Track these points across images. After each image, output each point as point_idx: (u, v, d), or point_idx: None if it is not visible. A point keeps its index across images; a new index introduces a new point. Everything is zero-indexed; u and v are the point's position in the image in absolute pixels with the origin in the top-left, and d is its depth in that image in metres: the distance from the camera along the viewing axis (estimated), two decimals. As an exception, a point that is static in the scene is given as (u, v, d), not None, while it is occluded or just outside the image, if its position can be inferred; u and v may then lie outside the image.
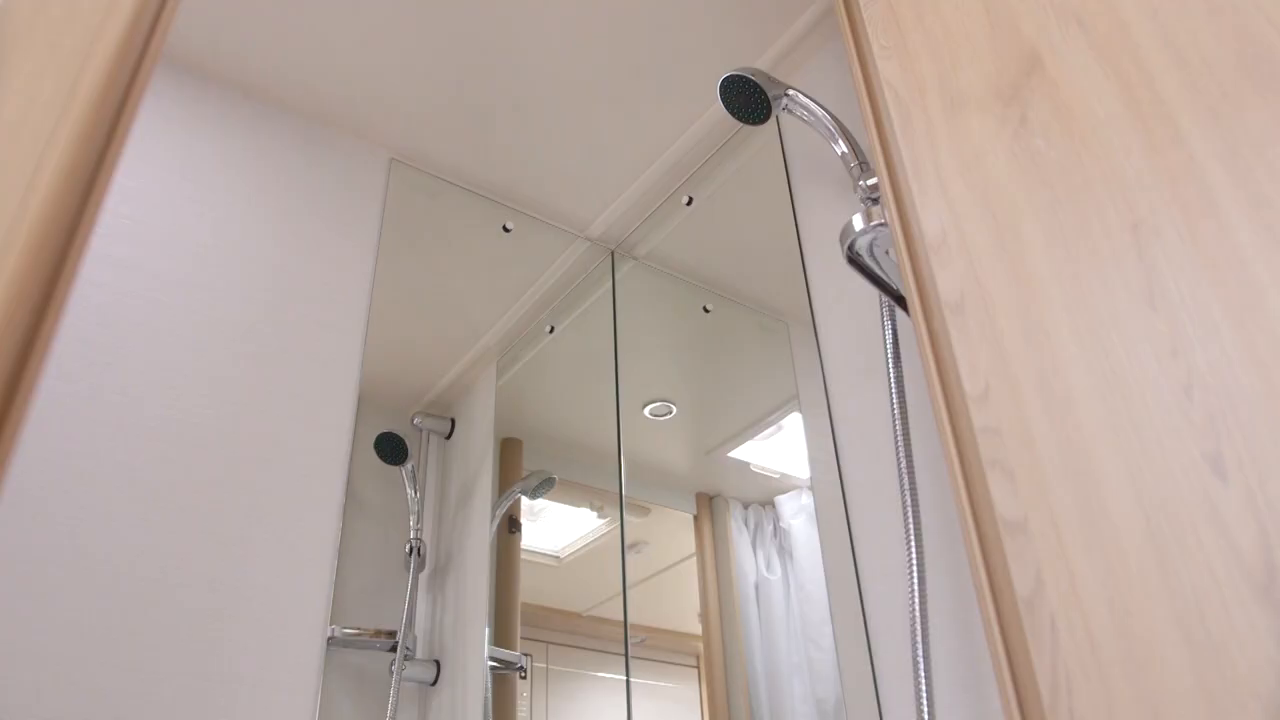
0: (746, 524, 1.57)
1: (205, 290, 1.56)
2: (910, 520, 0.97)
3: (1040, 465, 0.72)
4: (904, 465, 1.00)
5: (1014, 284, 0.79)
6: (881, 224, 0.99)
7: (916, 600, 0.93)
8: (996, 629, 0.72)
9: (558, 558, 1.75)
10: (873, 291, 1.31)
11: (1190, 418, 0.67)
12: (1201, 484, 0.65)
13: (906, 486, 1.00)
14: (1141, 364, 0.70)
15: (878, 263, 1.02)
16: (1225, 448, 0.64)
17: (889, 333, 1.07)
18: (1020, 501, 0.72)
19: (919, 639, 0.92)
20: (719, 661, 1.51)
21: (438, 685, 1.63)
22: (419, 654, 1.65)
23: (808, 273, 1.51)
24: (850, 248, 1.01)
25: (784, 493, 1.51)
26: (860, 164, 1.16)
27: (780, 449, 1.53)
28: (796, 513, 1.47)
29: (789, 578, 1.44)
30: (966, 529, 0.76)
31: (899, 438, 1.02)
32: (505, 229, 1.95)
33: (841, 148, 1.18)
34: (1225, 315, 0.66)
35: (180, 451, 1.41)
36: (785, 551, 1.47)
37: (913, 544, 0.95)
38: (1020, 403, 0.75)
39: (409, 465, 1.70)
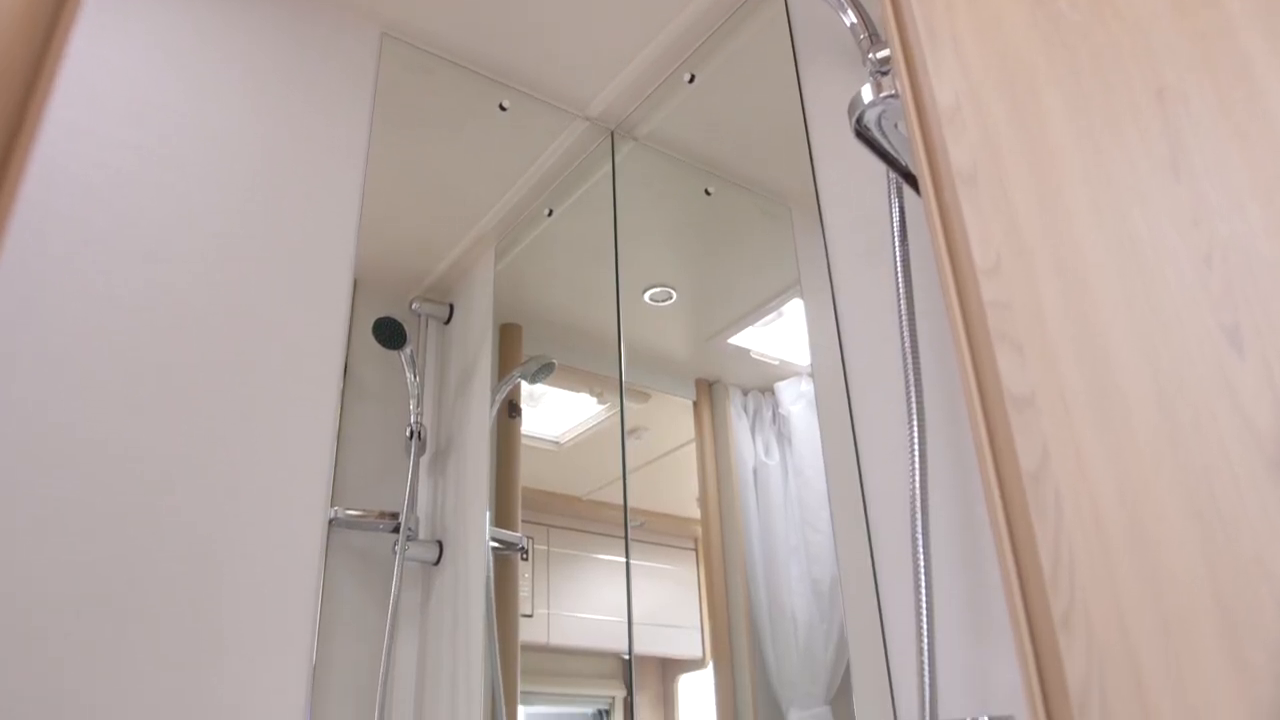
0: (746, 410, 1.55)
1: (191, 167, 1.51)
2: (913, 400, 0.95)
3: (1051, 339, 0.69)
4: (908, 345, 0.98)
5: (1031, 153, 0.76)
6: (892, 95, 0.94)
7: (917, 479, 0.92)
8: (999, 504, 0.70)
9: (558, 443, 1.75)
10: (879, 170, 1.27)
11: (1209, 288, 0.64)
12: (1217, 357, 0.62)
13: (910, 367, 0.98)
14: (1161, 235, 0.67)
15: (886, 137, 0.98)
16: (1243, 319, 0.62)
17: (895, 210, 1.04)
18: (1028, 376, 0.70)
19: (919, 517, 0.91)
20: (717, 544, 1.51)
21: (440, 565, 1.65)
22: (421, 535, 1.66)
23: (813, 151, 1.46)
24: (858, 121, 0.96)
25: (783, 379, 1.49)
26: (870, 35, 1.10)
27: (780, 335, 1.51)
28: (796, 399, 1.45)
29: (787, 463, 1.44)
30: (971, 405, 0.74)
31: (903, 317, 1.00)
32: (502, 108, 1.89)
33: (851, 18, 1.12)
34: (1252, 185, 0.63)
35: (170, 334, 1.39)
36: (784, 437, 1.46)
37: (914, 423, 0.94)
38: (1032, 275, 0.72)
39: (408, 350, 1.68)
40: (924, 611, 0.87)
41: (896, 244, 1.03)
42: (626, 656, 1.55)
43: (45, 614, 1.18)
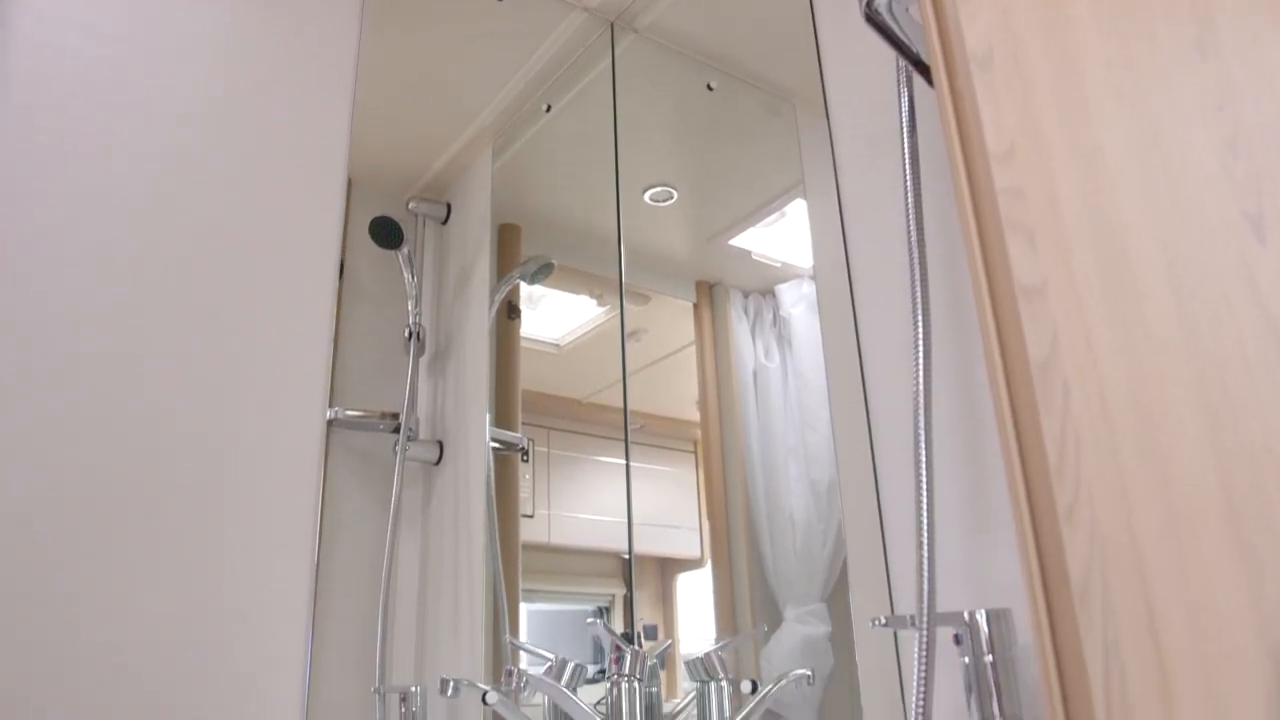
0: (746, 312, 1.53)
1: (178, 62, 1.46)
2: (918, 295, 0.93)
3: (1064, 227, 0.67)
4: (914, 240, 0.95)
5: (1048, 35, 0.72)
6: (904, -24, 0.90)
7: (920, 376, 0.91)
8: (1005, 396, 0.69)
9: (558, 345, 1.73)
10: (888, 60, 1.22)
11: (1232, 175, 0.61)
12: (1238, 245, 0.60)
13: (915, 262, 0.95)
14: (1183, 118, 0.64)
15: (897, 21, 0.93)
16: (1268, 206, 0.59)
17: (905, 101, 1.00)
18: (1040, 265, 0.68)
19: (921, 413, 0.89)
20: (716, 446, 1.51)
21: (441, 464, 1.65)
22: (422, 435, 1.66)
23: (819, 39, 1.41)
24: (869, 4, 0.92)
25: (785, 282, 1.46)
26: (882, -85, 1.05)
27: (782, 237, 1.48)
28: (797, 301, 1.43)
29: (787, 365, 1.42)
30: (980, 296, 0.72)
31: (910, 212, 0.97)
32: (498, -2, 1.82)
33: (862, -103, 1.06)
34: (1281, 63, 0.60)
35: (163, 238, 1.36)
36: (784, 340, 1.44)
37: (919, 319, 0.92)
38: (1047, 161, 0.69)
39: (405, 250, 1.65)
40: (924, 506, 0.87)
41: (905, 136, 1.00)
42: (626, 556, 1.55)
43: (46, 518, 1.18)
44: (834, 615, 1.24)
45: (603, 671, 1.36)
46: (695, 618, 1.44)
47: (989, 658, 0.85)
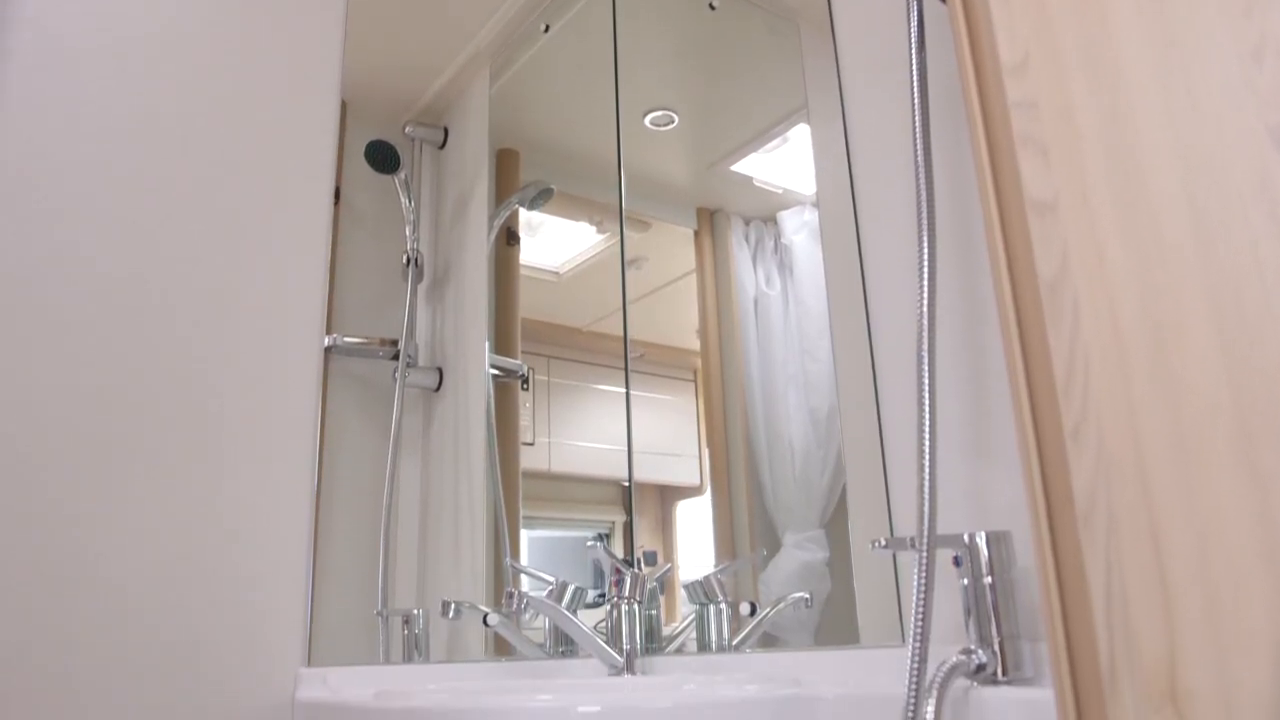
0: (747, 240, 1.51)
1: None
2: (924, 216, 0.91)
3: (1079, 140, 0.65)
4: (920, 160, 0.93)
5: (1066, -60, 0.69)
6: (916, -118, 0.86)
7: (925, 299, 0.89)
8: (1013, 315, 0.67)
9: (557, 274, 1.71)
10: (897, -24, 1.18)
11: (1256, 87, 0.59)
12: (1259, 158, 0.58)
13: (922, 182, 0.93)
14: (1207, 27, 0.61)
15: (908, -69, 0.90)
16: (1291, 116, 0.57)
17: (914, 15, 0.97)
18: (1052, 180, 0.66)
19: (925, 336, 0.88)
20: (716, 375, 1.50)
21: (441, 392, 1.64)
22: (421, 362, 1.65)
23: (825, -41, 1.36)
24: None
25: (786, 209, 1.44)
26: None
27: (784, 163, 1.45)
28: (799, 229, 1.41)
29: (788, 293, 1.40)
30: (989, 213, 0.70)
31: (917, 131, 0.94)
32: (495, -86, 1.76)
33: None
34: (1311, -34, 0.57)
35: (158, 162, 1.33)
36: (785, 267, 1.42)
37: (925, 241, 0.90)
38: (1062, 72, 0.66)
39: (402, 174, 1.62)
40: (926, 428, 0.86)
41: (913, 53, 0.96)
42: (626, 483, 1.56)
43: (47, 440, 1.17)
44: (832, 541, 1.25)
45: (603, 596, 1.37)
46: (694, 545, 1.45)
47: (988, 579, 0.85)
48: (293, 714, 1.24)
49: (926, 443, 0.85)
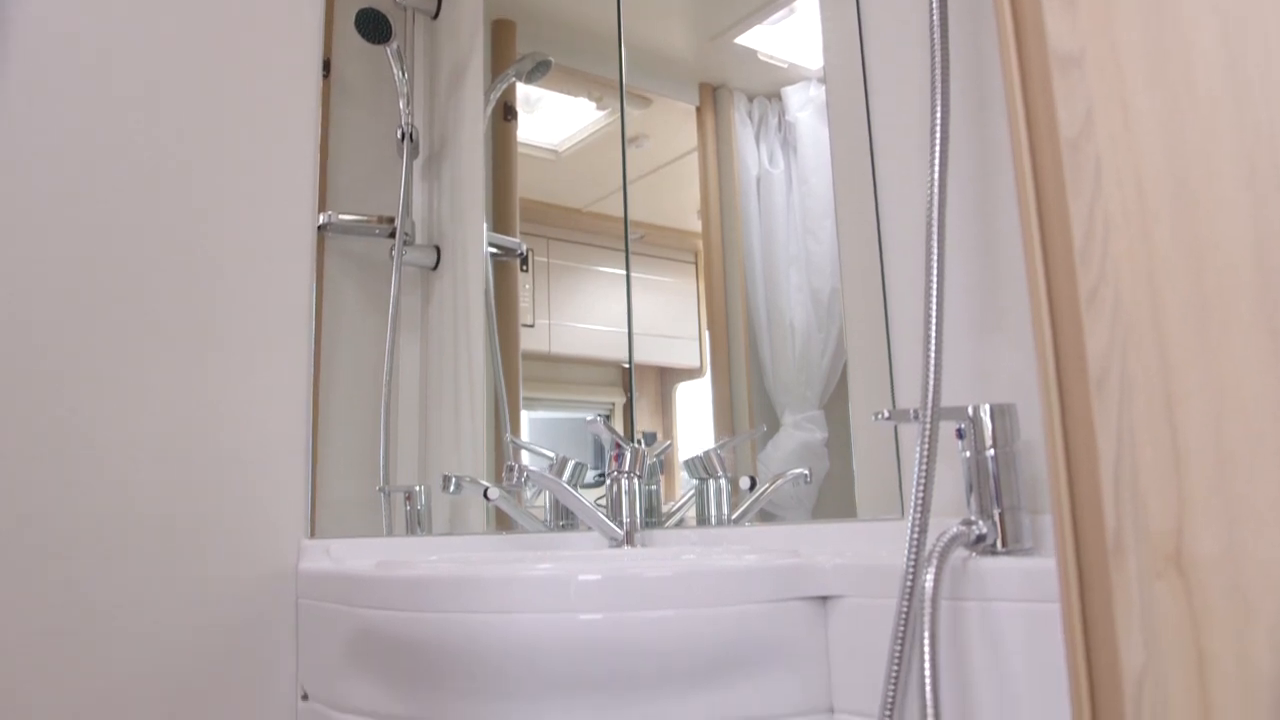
0: (750, 117, 1.46)
1: None
2: (938, 77, 0.86)
3: (1110, -14, 0.60)
4: (936, 19, 0.87)
5: None
6: None
7: (937, 164, 0.85)
8: (1029, 176, 0.64)
9: (556, 152, 1.66)
10: None
11: (1303, -78, 0.54)
12: (1303, 1, 0.53)
13: (937, 43, 0.88)
14: None
15: None
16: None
17: None
18: (1079, 32, 0.61)
19: (935, 203, 0.84)
20: (717, 255, 1.47)
21: (439, 270, 1.61)
22: (418, 240, 1.61)
23: None
24: None
25: (791, 84, 1.39)
26: None
27: (790, 36, 1.39)
28: (803, 105, 1.36)
29: (791, 172, 1.37)
30: (1009, 69, 0.65)
31: (933, -11, 0.89)
32: None
33: None
34: None
35: (134, 26, 1.26)
36: (789, 145, 1.38)
37: (939, 102, 0.85)
38: (1096, -89, 0.61)
39: (394, 44, 1.55)
40: (933, 297, 0.83)
41: (931, -96, 0.90)
42: (626, 365, 1.55)
43: (42, 321, 1.15)
44: (831, 423, 1.25)
45: (603, 476, 1.37)
46: (694, 427, 1.45)
47: (990, 451, 0.83)
48: (296, 584, 1.25)
49: (933, 311, 0.82)
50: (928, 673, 0.73)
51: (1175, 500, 0.55)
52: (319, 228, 1.43)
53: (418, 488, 1.48)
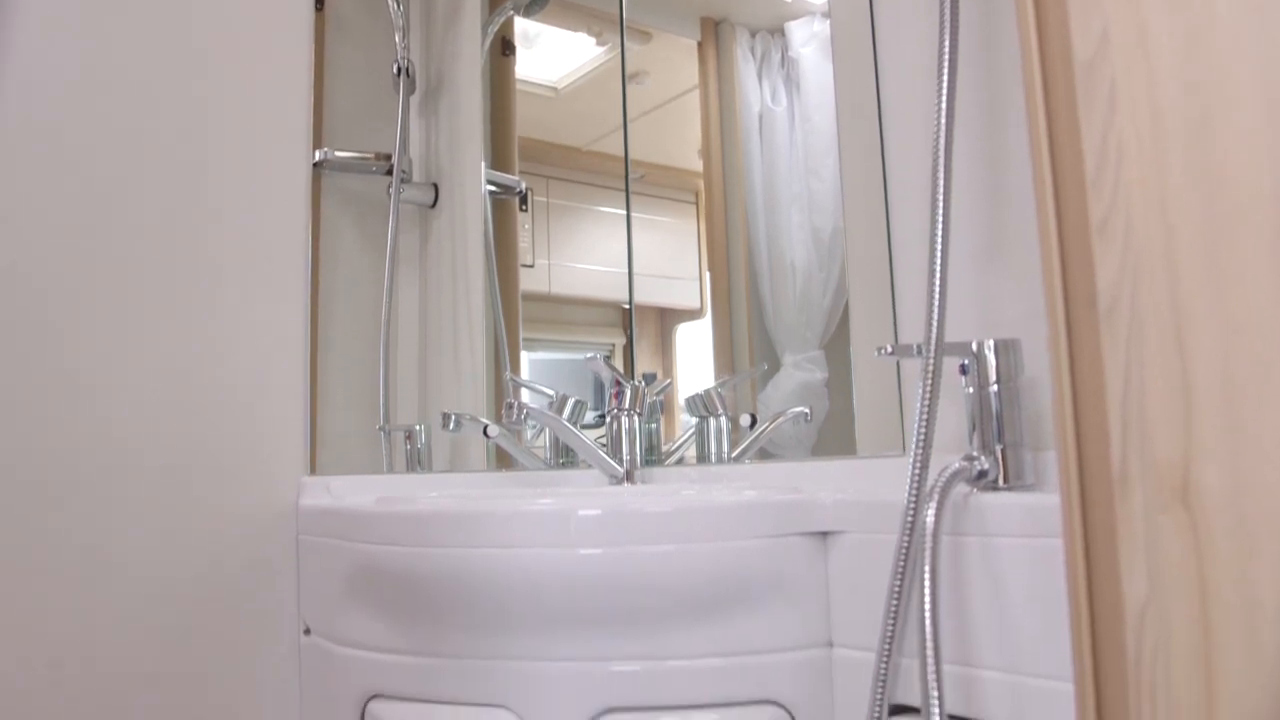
0: (753, 53, 1.43)
1: None
2: (946, 6, 0.84)
3: (1129, -100, 0.57)
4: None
5: None
6: None
7: (944, 93, 0.83)
8: (1040, 102, 0.62)
9: (555, 89, 1.63)
10: None
11: None
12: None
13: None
14: None
15: None
16: None
17: None
18: (1096, -51, 0.59)
19: (943, 134, 0.82)
20: (718, 194, 1.45)
21: (437, 208, 1.59)
22: (415, 177, 1.59)
23: None
24: None
25: (795, 19, 1.35)
26: None
27: (795, -33, 1.35)
28: (807, 40, 1.33)
29: (794, 109, 1.34)
30: (1023, -9, 0.63)
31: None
32: None
33: None
34: None
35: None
36: (792, 82, 1.35)
37: (947, 30, 0.83)
38: None
39: (389, -25, 1.51)
40: (939, 230, 0.81)
41: None
42: (627, 306, 1.54)
43: (37, 262, 1.13)
44: (831, 363, 1.24)
45: (603, 417, 1.37)
46: (694, 369, 1.44)
47: (994, 387, 0.82)
48: (296, 521, 1.25)
49: (939, 244, 0.81)
50: (928, 607, 0.73)
51: (1182, 433, 0.54)
52: (314, 165, 1.41)
53: (418, 427, 1.48)
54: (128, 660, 1.12)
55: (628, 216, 1.53)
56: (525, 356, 1.56)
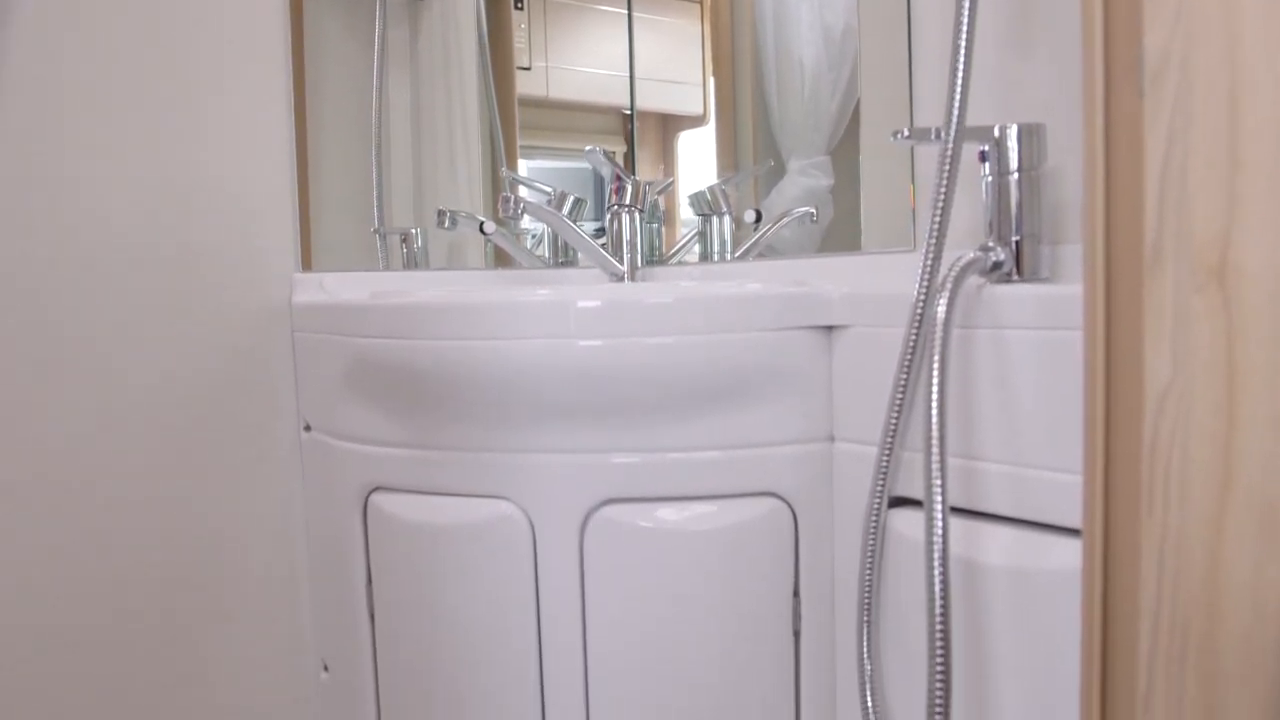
0: None
1: None
2: None
3: None
4: None
5: None
6: None
7: None
8: None
9: None
10: None
11: None
12: None
13: None
14: None
15: None
16: None
17: None
18: None
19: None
20: (725, -8, 1.37)
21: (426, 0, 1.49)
22: (403, -36, 1.48)
23: None
24: None
25: None
26: None
27: None
28: None
29: (808, -106, 1.24)
30: None
31: None
32: None
33: None
34: None
35: None
36: None
37: None
38: None
39: None
40: (965, 10, 0.74)
41: None
42: (628, 111, 1.47)
43: (13, 71, 1.05)
44: (837, 170, 1.19)
45: (602, 231, 1.32)
46: (696, 179, 1.39)
47: (1014, 175, 0.77)
48: (290, 317, 1.22)
49: (965, 19, 0.74)
50: (935, 399, 0.71)
51: (1225, 206, 0.50)
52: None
53: (414, 230, 1.43)
54: (130, 458, 1.12)
55: (629, 15, 1.43)
56: (523, 165, 1.50)
